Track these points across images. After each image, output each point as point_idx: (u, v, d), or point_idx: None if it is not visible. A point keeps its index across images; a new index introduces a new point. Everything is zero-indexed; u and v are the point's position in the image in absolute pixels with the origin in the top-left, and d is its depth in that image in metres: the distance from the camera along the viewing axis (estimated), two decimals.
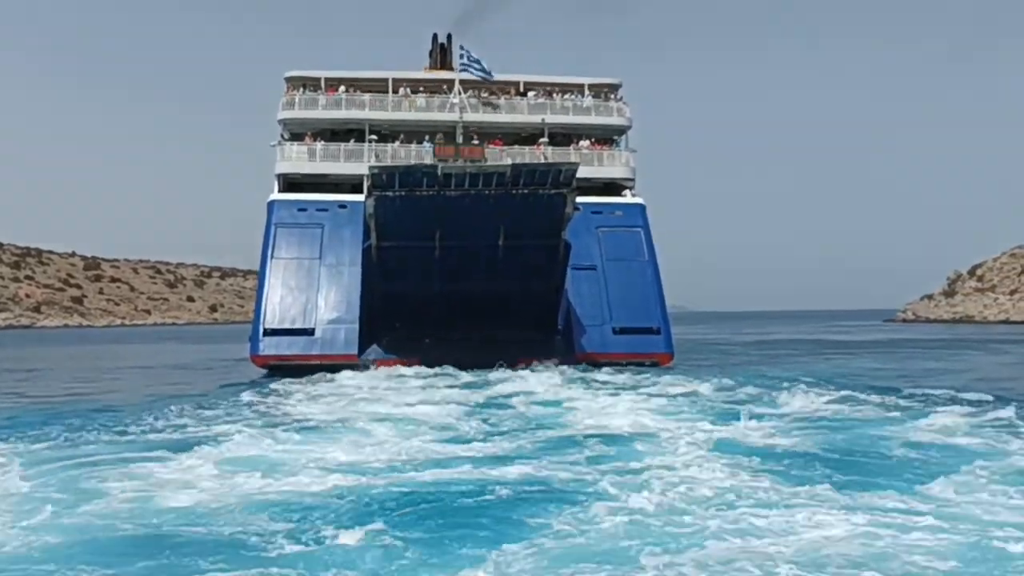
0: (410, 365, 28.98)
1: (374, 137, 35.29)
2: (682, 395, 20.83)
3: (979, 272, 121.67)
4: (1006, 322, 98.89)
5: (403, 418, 17.55)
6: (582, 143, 36.50)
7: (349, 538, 9.00)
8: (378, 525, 9.37)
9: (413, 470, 12.27)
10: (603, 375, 26.52)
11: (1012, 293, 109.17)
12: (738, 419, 16.27)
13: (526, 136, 36.67)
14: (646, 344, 32.15)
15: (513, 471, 11.97)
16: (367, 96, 36.22)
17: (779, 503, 10.04)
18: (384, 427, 16.32)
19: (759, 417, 16.65)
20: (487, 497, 10.53)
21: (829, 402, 19.04)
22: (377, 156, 34.14)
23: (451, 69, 37.37)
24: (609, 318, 32.07)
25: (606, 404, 19.15)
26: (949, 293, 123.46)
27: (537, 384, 23.66)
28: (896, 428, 15.03)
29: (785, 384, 22.26)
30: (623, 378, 25.44)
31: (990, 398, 19.14)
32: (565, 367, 29.01)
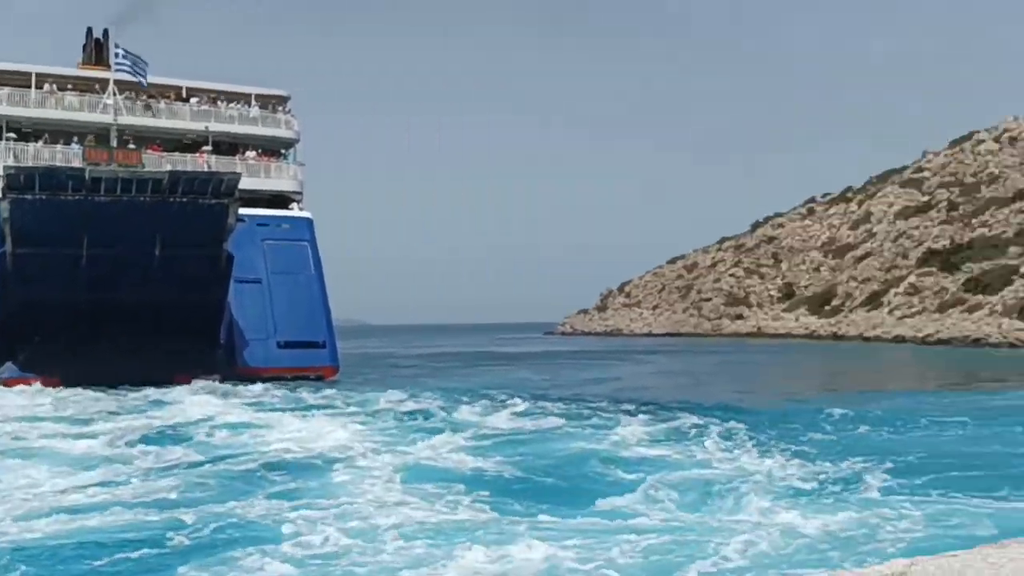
0: (52, 384, 26.81)
1: (12, 135, 32.46)
2: (374, 413, 20.20)
3: (627, 289, 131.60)
4: (649, 335, 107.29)
5: (39, 451, 15.29)
6: (248, 154, 35.42)
7: None
8: None
9: (48, 520, 10.23)
10: (290, 392, 25.48)
11: (654, 308, 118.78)
12: (430, 437, 15.98)
13: (188, 143, 35.10)
14: (311, 358, 32.08)
15: (182, 515, 10.36)
16: (6, 90, 33.15)
17: (470, 531, 9.71)
18: (12, 464, 14.09)
19: (456, 430, 16.59)
20: (144, 551, 8.95)
21: (515, 416, 19.18)
22: (16, 156, 31.60)
23: (108, 67, 34.85)
24: (274, 332, 31.65)
25: (293, 428, 18.07)
26: (602, 308, 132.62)
27: (203, 406, 21.82)
28: (584, 444, 15.16)
29: (465, 399, 22.34)
30: (302, 395, 24.58)
31: (653, 406, 20.38)
32: (228, 384, 27.61)
